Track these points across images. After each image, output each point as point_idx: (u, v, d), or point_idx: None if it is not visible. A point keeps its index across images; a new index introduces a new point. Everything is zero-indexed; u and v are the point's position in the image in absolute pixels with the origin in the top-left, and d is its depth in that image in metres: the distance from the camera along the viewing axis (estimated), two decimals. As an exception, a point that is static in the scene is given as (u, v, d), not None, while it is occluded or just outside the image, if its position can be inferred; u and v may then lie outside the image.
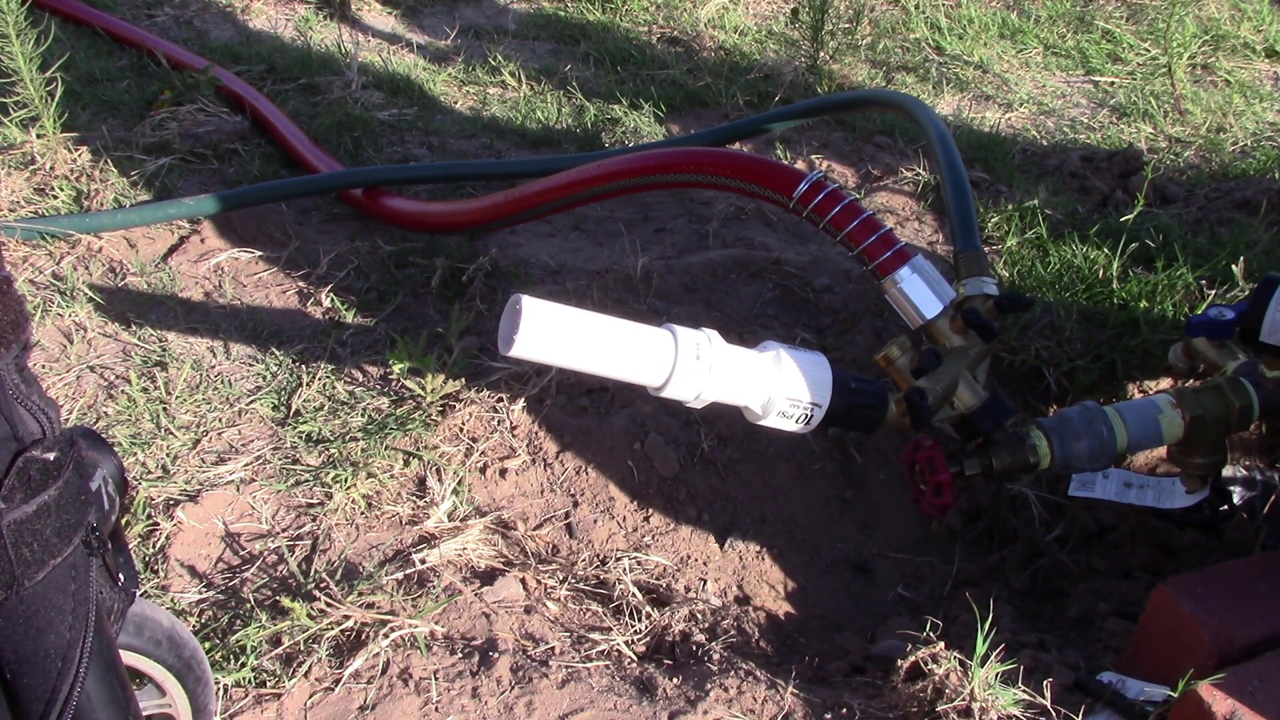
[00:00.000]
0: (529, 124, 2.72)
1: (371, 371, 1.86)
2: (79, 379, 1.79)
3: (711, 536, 1.67)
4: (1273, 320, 1.55)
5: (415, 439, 1.70)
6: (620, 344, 1.26)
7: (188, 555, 1.51)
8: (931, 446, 1.45)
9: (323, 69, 2.82)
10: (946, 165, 1.80)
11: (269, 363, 1.87)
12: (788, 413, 1.37)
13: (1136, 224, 2.15)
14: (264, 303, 2.02)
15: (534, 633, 1.45)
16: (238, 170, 2.38)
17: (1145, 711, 1.26)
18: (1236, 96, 2.98)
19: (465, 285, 2.04)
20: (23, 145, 2.22)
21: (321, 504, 1.59)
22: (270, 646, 1.37)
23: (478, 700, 1.31)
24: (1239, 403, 1.50)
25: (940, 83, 3.04)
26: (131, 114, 2.51)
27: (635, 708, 1.31)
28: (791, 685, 1.35)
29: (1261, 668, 1.23)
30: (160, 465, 1.63)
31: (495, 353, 1.83)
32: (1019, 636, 1.45)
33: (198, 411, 1.75)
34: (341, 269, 2.09)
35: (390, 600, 1.42)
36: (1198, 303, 1.94)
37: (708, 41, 3.18)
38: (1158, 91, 2.99)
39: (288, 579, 1.48)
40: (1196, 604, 1.30)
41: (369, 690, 1.32)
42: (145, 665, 1.01)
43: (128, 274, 2.03)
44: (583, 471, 1.71)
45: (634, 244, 2.18)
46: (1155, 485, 1.61)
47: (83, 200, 2.17)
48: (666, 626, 1.48)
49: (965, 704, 1.27)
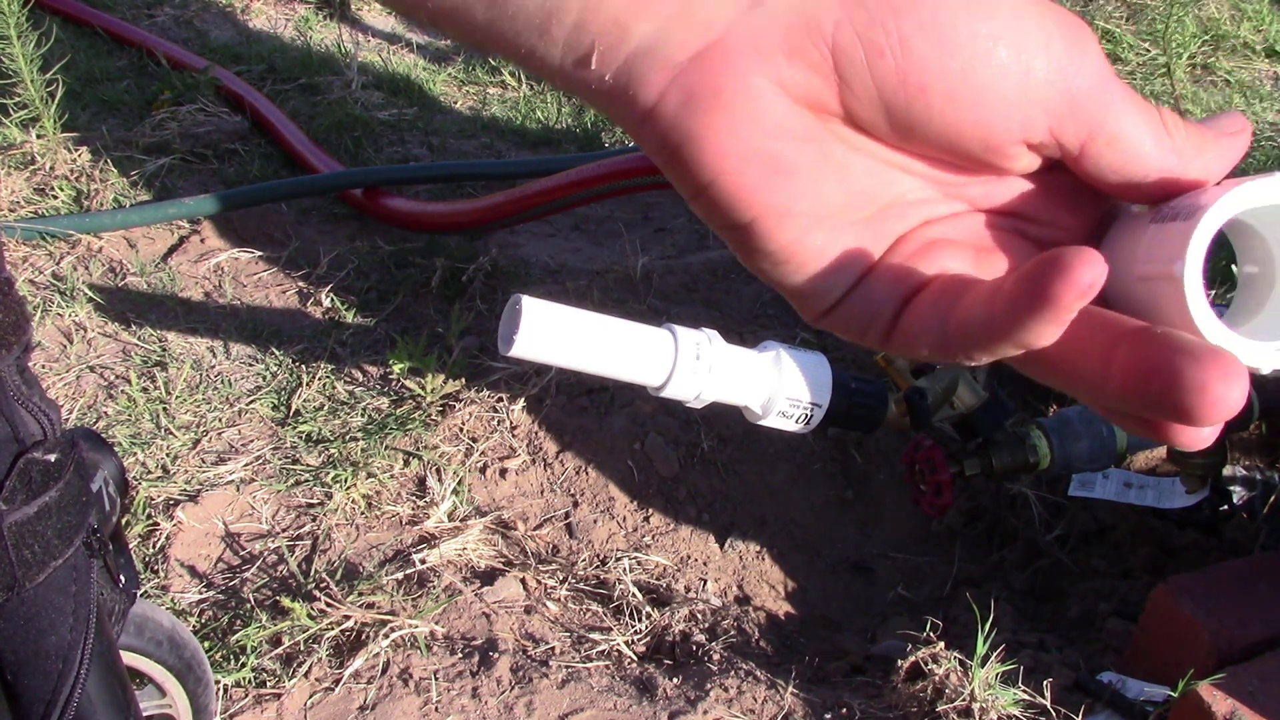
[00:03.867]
0: (529, 124, 2.72)
1: (371, 371, 1.86)
2: (79, 379, 1.79)
3: (711, 536, 1.67)
4: (1273, 320, 1.55)
5: (415, 439, 1.70)
6: (620, 344, 1.26)
7: (188, 555, 1.51)
8: (931, 446, 1.46)
9: (323, 69, 2.82)
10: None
11: (269, 363, 1.87)
12: (788, 413, 1.37)
13: (1136, 224, 2.15)
14: (264, 303, 2.02)
15: (534, 633, 1.45)
16: (238, 170, 2.38)
17: (1145, 711, 1.26)
18: (1236, 96, 2.98)
19: (465, 285, 2.04)
20: (23, 145, 2.22)
21: (321, 504, 1.59)
22: (270, 646, 1.37)
23: (478, 700, 1.31)
24: (1239, 403, 1.50)
25: (940, 82, 3.04)
26: (131, 114, 2.51)
27: (635, 708, 1.32)
28: (791, 685, 1.35)
29: (1261, 668, 1.23)
30: (160, 465, 1.64)
31: (495, 353, 1.83)
32: (1019, 636, 1.45)
33: (198, 411, 1.75)
34: (341, 269, 2.09)
35: (390, 600, 1.42)
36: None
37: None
38: (1158, 91, 2.99)
39: (288, 579, 1.48)
40: (1196, 604, 1.30)
41: (369, 690, 1.32)
42: (146, 666, 1.01)
43: (128, 274, 2.03)
44: (583, 471, 1.71)
45: (634, 244, 2.18)
46: (1155, 485, 1.61)
47: (83, 200, 2.17)
48: (666, 626, 1.48)
49: (965, 704, 1.27)
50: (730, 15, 0.31)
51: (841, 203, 0.33)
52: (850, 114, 0.32)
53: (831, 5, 0.31)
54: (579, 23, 0.32)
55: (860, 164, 0.33)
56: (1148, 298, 0.32)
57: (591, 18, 0.31)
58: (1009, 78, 0.31)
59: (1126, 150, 0.32)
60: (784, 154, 0.32)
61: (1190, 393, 0.27)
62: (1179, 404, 0.27)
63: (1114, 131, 0.32)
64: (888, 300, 0.34)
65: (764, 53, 0.31)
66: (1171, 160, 0.32)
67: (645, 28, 0.32)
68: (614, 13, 0.31)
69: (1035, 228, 0.35)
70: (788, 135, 0.32)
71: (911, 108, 0.31)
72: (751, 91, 0.31)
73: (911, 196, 0.34)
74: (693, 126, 0.32)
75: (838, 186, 0.33)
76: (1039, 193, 0.35)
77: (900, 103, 0.31)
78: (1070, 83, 0.31)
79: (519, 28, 0.32)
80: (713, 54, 0.31)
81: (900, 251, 0.34)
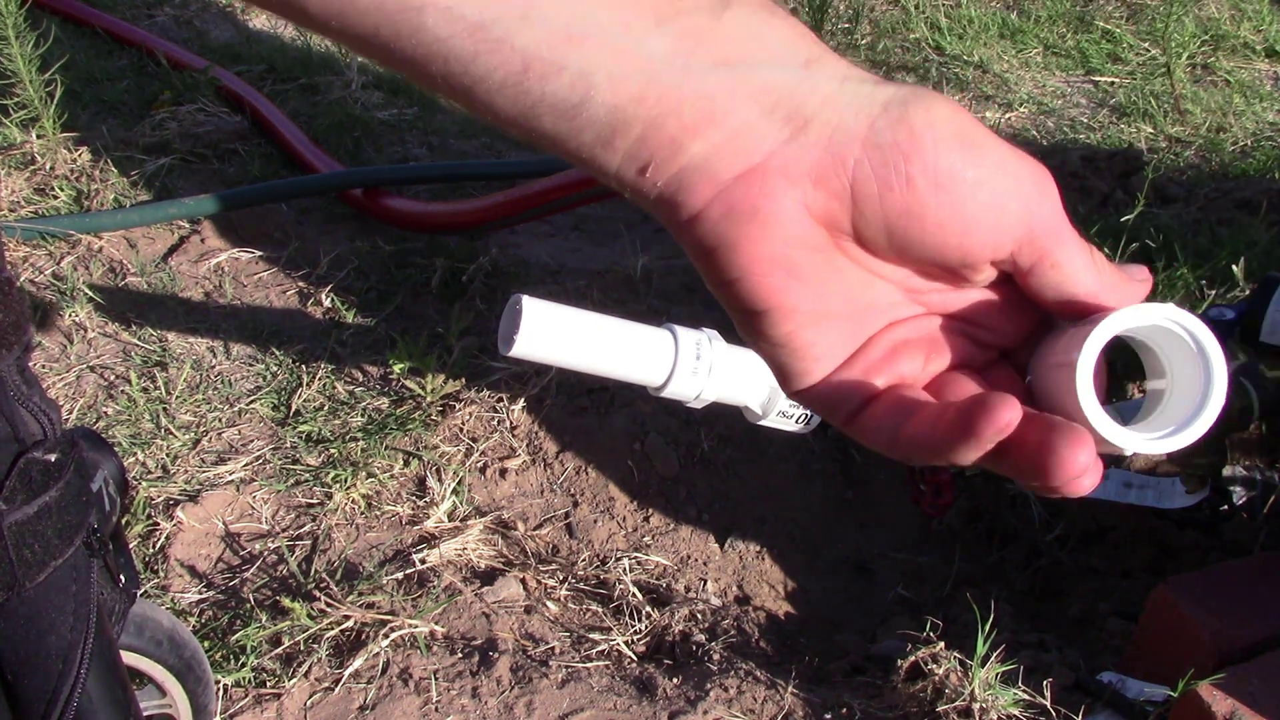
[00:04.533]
0: (529, 124, 2.72)
1: (371, 371, 1.86)
2: (79, 379, 1.79)
3: (711, 536, 1.67)
4: (1273, 320, 1.55)
5: (415, 439, 1.70)
6: (620, 344, 1.26)
7: (188, 555, 1.51)
8: (931, 446, 1.45)
9: (323, 69, 2.82)
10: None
11: (269, 363, 1.87)
12: (788, 413, 1.37)
13: (1137, 224, 2.15)
14: (264, 303, 2.02)
15: (534, 633, 1.45)
16: (238, 170, 2.38)
17: (1145, 711, 1.27)
18: (1236, 96, 2.98)
19: (465, 285, 2.04)
20: (23, 145, 2.22)
21: (321, 504, 1.59)
22: (270, 646, 1.37)
23: (478, 700, 1.31)
24: (1239, 403, 1.50)
25: (940, 83, 3.04)
26: (131, 114, 2.51)
27: (635, 708, 1.32)
28: (791, 685, 1.35)
29: (1261, 668, 1.23)
30: (160, 465, 1.64)
31: (495, 353, 1.83)
32: (1019, 636, 1.45)
33: (198, 411, 1.75)
34: (341, 269, 2.09)
35: (390, 600, 1.42)
36: (1198, 303, 1.94)
37: (708, 41, 3.18)
38: (1158, 91, 2.99)
39: (288, 579, 1.48)
40: (1196, 604, 1.30)
41: (369, 690, 1.32)
42: (146, 666, 1.02)
43: (128, 274, 2.03)
44: (583, 471, 1.71)
45: (634, 244, 2.18)
46: (1155, 485, 1.61)
47: (83, 200, 2.17)
48: (666, 626, 1.48)
49: (965, 704, 1.27)
50: (770, 146, 0.38)
51: (835, 305, 0.41)
52: (858, 233, 0.40)
53: (854, 145, 0.38)
54: (641, 138, 0.38)
55: (853, 272, 0.41)
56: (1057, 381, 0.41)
57: (653, 135, 0.38)
58: (988, 214, 0.39)
59: (1066, 273, 0.41)
60: (799, 261, 0.40)
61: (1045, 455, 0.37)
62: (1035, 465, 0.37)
63: (1059, 259, 0.40)
64: (853, 398, 0.42)
65: (795, 179, 0.38)
66: (1096, 287, 0.41)
67: (698, 148, 0.38)
68: (673, 133, 0.38)
69: (982, 332, 0.44)
70: (805, 246, 0.40)
71: (909, 232, 0.39)
72: (781, 210, 0.39)
73: (885, 301, 0.42)
74: (730, 233, 0.39)
75: (832, 291, 0.41)
76: (988, 304, 0.43)
77: (900, 227, 0.39)
78: (1033, 219, 0.40)
79: (586, 140, 0.38)
80: (753, 176, 0.38)
81: (870, 351, 0.42)
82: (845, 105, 0.38)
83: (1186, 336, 0.41)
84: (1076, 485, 0.37)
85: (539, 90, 0.37)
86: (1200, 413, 0.41)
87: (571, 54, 0.36)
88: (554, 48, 0.36)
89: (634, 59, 0.37)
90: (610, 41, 0.36)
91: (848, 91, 0.39)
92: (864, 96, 0.39)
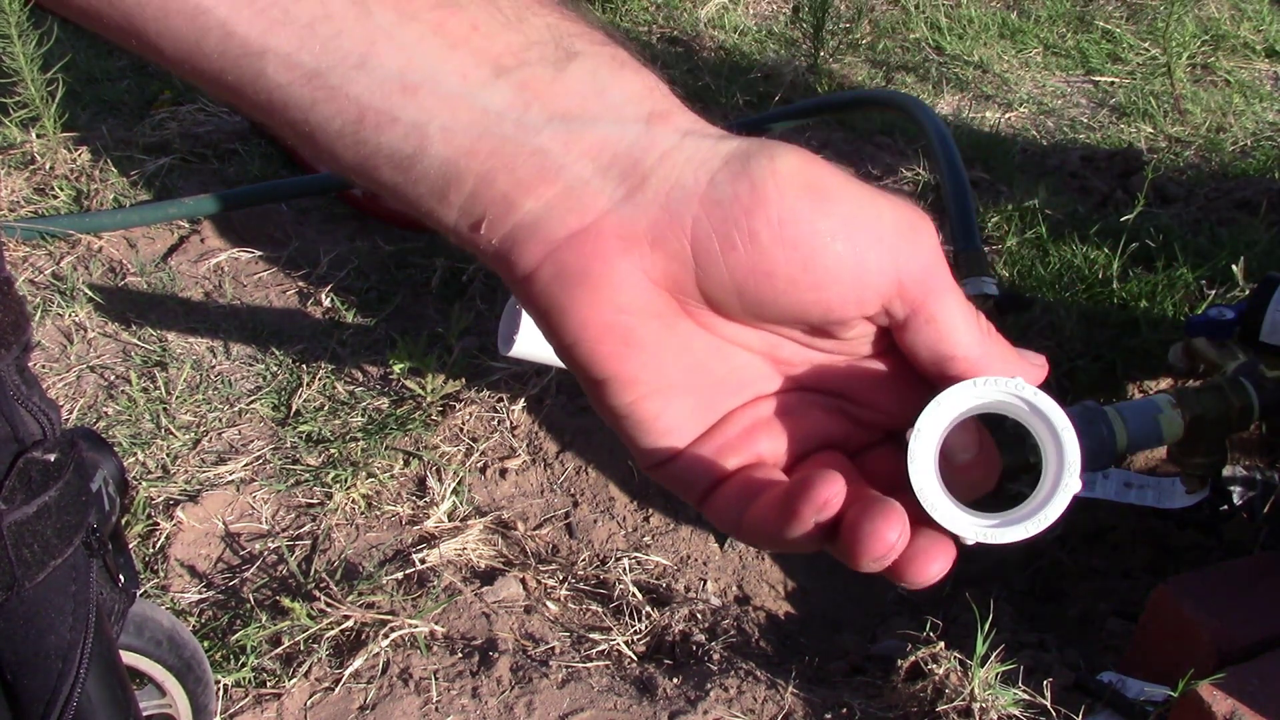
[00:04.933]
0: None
1: (371, 371, 1.86)
2: (79, 379, 1.79)
3: (711, 536, 1.67)
4: (1273, 320, 1.55)
5: (415, 439, 1.70)
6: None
7: (188, 555, 1.51)
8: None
9: (323, 69, 2.82)
10: (946, 165, 1.80)
11: (269, 363, 1.87)
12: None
13: (1136, 224, 2.15)
14: (264, 303, 2.02)
15: (534, 633, 1.45)
16: (238, 170, 2.38)
17: (1145, 711, 1.27)
18: (1236, 96, 2.98)
19: (465, 285, 2.04)
20: (23, 145, 2.22)
21: (321, 504, 1.59)
22: (270, 646, 1.37)
23: (478, 700, 1.31)
24: (1239, 403, 1.50)
25: (940, 83, 3.04)
26: (131, 114, 2.51)
27: (635, 708, 1.32)
28: (791, 685, 1.35)
29: (1261, 668, 1.23)
30: (160, 465, 1.64)
31: (495, 353, 1.83)
32: (1019, 636, 1.45)
33: (198, 411, 1.75)
34: (341, 269, 2.09)
35: (390, 600, 1.42)
36: (1198, 303, 1.94)
37: (707, 41, 3.18)
38: (1158, 91, 2.99)
39: (288, 579, 1.48)
40: (1196, 604, 1.30)
41: (369, 690, 1.32)
42: (146, 665, 1.02)
43: (128, 274, 2.03)
44: (583, 471, 1.71)
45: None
46: (1155, 485, 1.61)
47: (83, 200, 2.18)
48: (666, 626, 1.48)
49: (965, 704, 1.27)
50: (604, 205, 0.36)
51: (679, 377, 0.38)
52: (707, 296, 0.37)
53: (692, 202, 0.36)
54: (474, 193, 0.36)
55: (703, 341, 0.39)
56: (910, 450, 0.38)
57: (486, 191, 0.36)
58: (845, 266, 0.36)
59: (942, 330, 0.37)
60: (634, 329, 0.37)
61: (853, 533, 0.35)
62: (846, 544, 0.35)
63: (933, 312, 0.37)
64: (703, 477, 0.39)
65: (630, 240, 0.36)
66: (978, 351, 0.37)
67: (531, 205, 0.36)
68: (506, 189, 0.36)
69: (862, 410, 0.40)
70: (641, 313, 0.37)
71: (760, 291, 0.37)
72: (614, 273, 0.36)
73: (747, 374, 0.40)
74: (560, 297, 0.37)
75: (677, 361, 0.38)
76: (870, 378, 0.40)
77: (750, 287, 0.36)
78: (900, 269, 0.36)
79: (422, 192, 0.37)
80: (585, 237, 0.36)
81: (727, 428, 0.39)
82: (684, 161, 0.36)
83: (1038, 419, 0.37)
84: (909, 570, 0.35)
85: (375, 140, 0.35)
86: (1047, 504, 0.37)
87: (406, 104, 0.35)
88: (388, 97, 0.35)
89: (468, 111, 0.35)
90: (445, 92, 0.35)
91: (688, 146, 0.36)
92: (705, 151, 0.36)
